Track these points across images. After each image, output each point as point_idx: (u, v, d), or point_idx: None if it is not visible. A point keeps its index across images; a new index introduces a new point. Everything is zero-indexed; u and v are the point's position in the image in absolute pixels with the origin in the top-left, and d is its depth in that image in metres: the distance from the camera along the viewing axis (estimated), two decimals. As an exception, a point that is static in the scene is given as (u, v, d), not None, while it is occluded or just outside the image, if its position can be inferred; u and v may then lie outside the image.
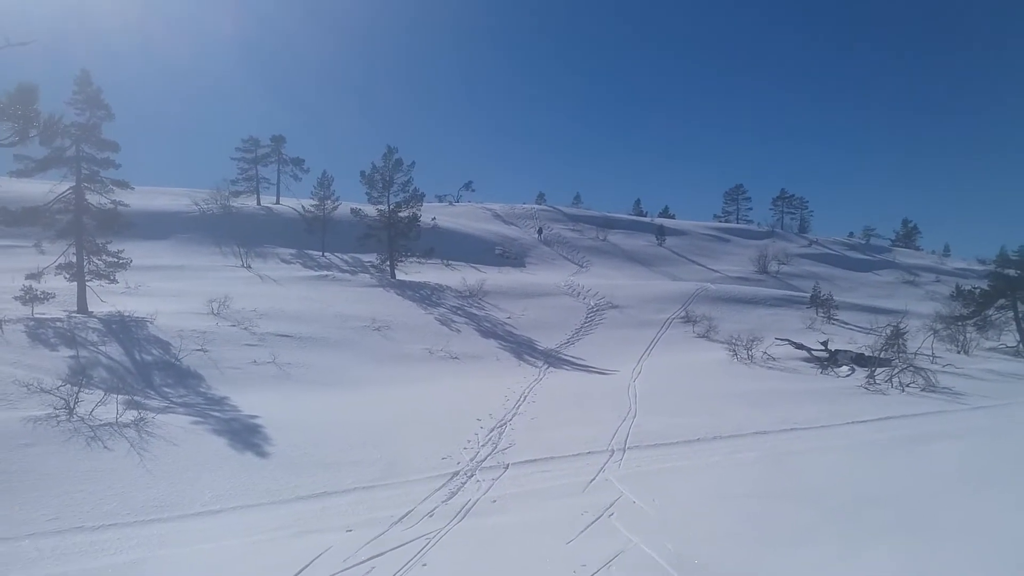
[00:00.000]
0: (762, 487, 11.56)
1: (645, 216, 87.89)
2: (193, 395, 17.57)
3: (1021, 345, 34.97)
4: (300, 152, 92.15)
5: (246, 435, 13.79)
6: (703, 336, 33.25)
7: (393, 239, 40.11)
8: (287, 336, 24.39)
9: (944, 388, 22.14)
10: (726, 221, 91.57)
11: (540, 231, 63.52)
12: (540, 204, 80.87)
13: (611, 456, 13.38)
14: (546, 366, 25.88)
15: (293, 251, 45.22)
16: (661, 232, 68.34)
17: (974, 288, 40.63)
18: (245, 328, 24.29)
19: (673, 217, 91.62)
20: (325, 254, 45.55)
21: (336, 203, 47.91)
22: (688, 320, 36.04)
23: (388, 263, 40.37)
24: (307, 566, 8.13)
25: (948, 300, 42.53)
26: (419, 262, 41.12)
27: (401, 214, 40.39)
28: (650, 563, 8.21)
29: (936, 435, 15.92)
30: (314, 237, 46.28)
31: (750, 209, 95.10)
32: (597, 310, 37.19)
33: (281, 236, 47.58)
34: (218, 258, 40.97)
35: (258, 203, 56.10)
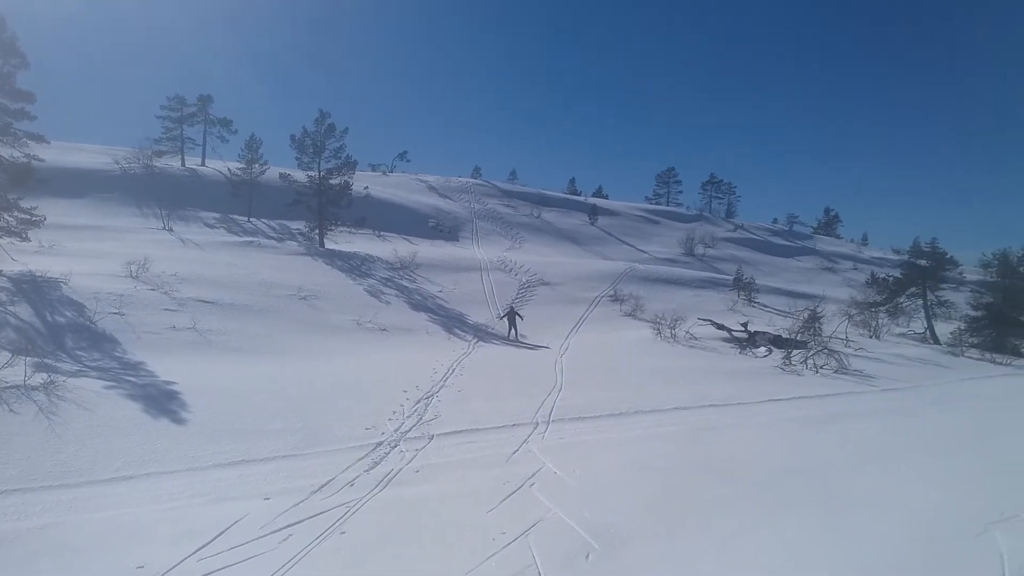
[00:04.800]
0: (681, 460, 11.94)
1: (579, 195, 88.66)
2: (108, 359, 16.87)
3: (928, 332, 37.00)
4: (228, 113, 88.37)
5: (163, 401, 13.36)
6: (630, 315, 33.94)
7: (323, 207, 39.20)
8: (209, 302, 23.66)
9: (856, 371, 23.29)
10: (657, 203, 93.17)
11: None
12: (476, 178, 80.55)
13: (535, 428, 13.58)
14: (476, 340, 25.96)
15: (218, 215, 43.72)
16: (594, 212, 69.12)
17: (888, 276, 42.74)
18: (165, 292, 23.43)
19: (606, 197, 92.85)
20: (251, 219, 44.27)
21: (264, 167, 46.48)
22: (616, 299, 36.71)
23: (317, 231, 39.51)
24: (222, 533, 7.99)
25: (863, 287, 44.72)
26: (350, 231, 40.38)
27: (332, 181, 39.45)
28: (568, 531, 8.40)
29: (847, 414, 16.78)
30: (240, 201, 44.87)
31: (680, 192, 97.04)
32: (529, 286, 37.44)
33: (206, 199, 45.84)
34: (138, 220, 39.31)
35: (182, 164, 53.96)
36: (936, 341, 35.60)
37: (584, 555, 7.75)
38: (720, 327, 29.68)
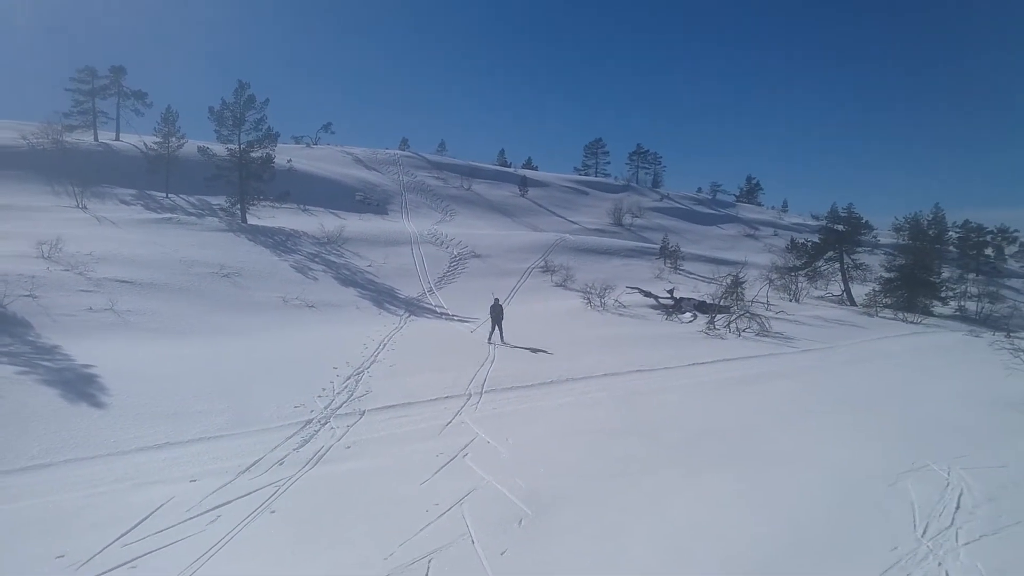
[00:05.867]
0: (610, 424, 12.25)
1: (509, 167, 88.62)
2: (20, 344, 16.04)
3: (845, 294, 38.74)
4: (143, 85, 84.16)
5: (81, 385, 12.84)
6: (560, 285, 34.33)
7: (244, 181, 37.92)
8: (127, 282, 22.72)
9: (776, 333, 24.24)
10: (586, 174, 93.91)
11: None
12: (404, 150, 79.39)
13: (468, 400, 13.66)
14: (407, 314, 25.81)
15: (134, 192, 41.80)
16: (524, 183, 69.23)
17: (807, 241, 44.41)
18: (80, 273, 22.37)
19: (536, 169, 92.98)
20: (169, 195, 42.50)
21: (182, 141, 44.57)
22: (547, 270, 37.05)
23: (239, 206, 38.23)
24: (147, 518, 7.80)
25: (783, 252, 46.37)
26: (273, 206, 39.26)
27: (253, 154, 38.21)
28: (501, 499, 8.54)
29: (767, 375, 17.49)
30: (157, 177, 42.98)
31: (608, 163, 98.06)
32: (460, 259, 37.35)
33: (121, 175, 43.70)
34: (49, 198, 37.15)
35: (95, 139, 51.07)
36: (852, 303, 37.33)
37: (517, 521, 7.90)
38: (647, 294, 30.36)
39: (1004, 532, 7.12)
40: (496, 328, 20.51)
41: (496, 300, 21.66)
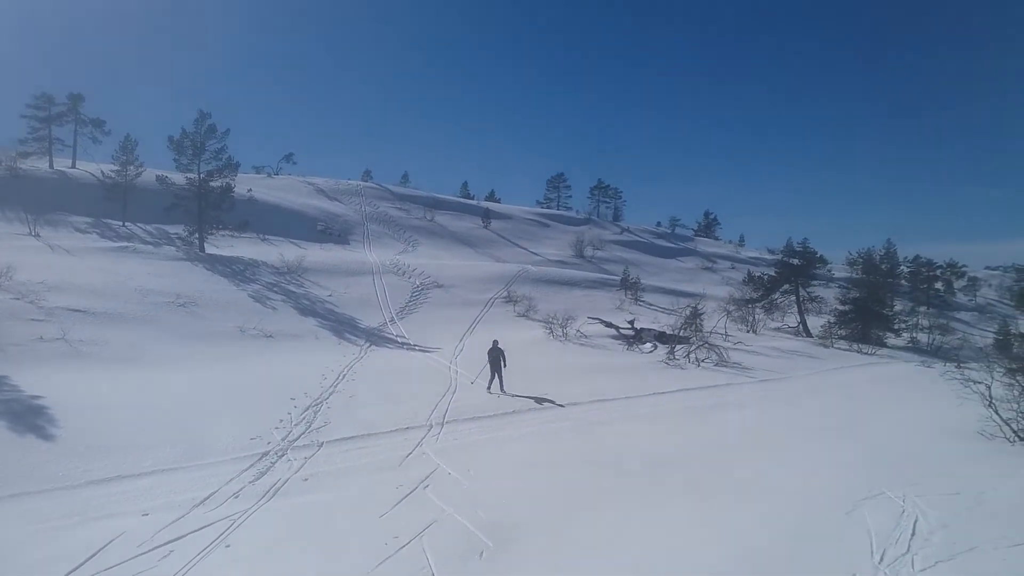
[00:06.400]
0: (572, 454, 12.25)
1: (472, 199, 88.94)
2: (-38, 376, 15.51)
3: (801, 325, 39.55)
4: (101, 113, 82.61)
5: (28, 417, 12.42)
6: (523, 315, 34.40)
7: (203, 210, 37.39)
8: (80, 311, 22.14)
9: (735, 363, 24.60)
10: (548, 207, 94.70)
11: None
12: (366, 181, 79.16)
13: (429, 431, 13.54)
14: (368, 344, 25.56)
15: (90, 220, 40.82)
16: (487, 215, 69.54)
17: (763, 275, 45.36)
18: (31, 302, 21.74)
19: (499, 201, 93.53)
20: (126, 224, 41.64)
21: (140, 169, 43.77)
22: (510, 300, 37.11)
23: (197, 235, 37.64)
24: (96, 554, 7.53)
25: (741, 285, 47.21)
26: (232, 235, 38.73)
27: (213, 183, 37.79)
28: (462, 530, 8.45)
29: (726, 404, 17.72)
30: (114, 205, 42.09)
31: (570, 197, 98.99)
32: (422, 289, 37.23)
33: (76, 203, 42.63)
34: (1, 225, 36.23)
35: (51, 166, 49.79)
36: (808, 334, 38.14)
37: (478, 553, 7.82)
38: (609, 325, 30.60)
39: (959, 558, 7.25)
40: (496, 376, 17.80)
41: (495, 343, 18.38)
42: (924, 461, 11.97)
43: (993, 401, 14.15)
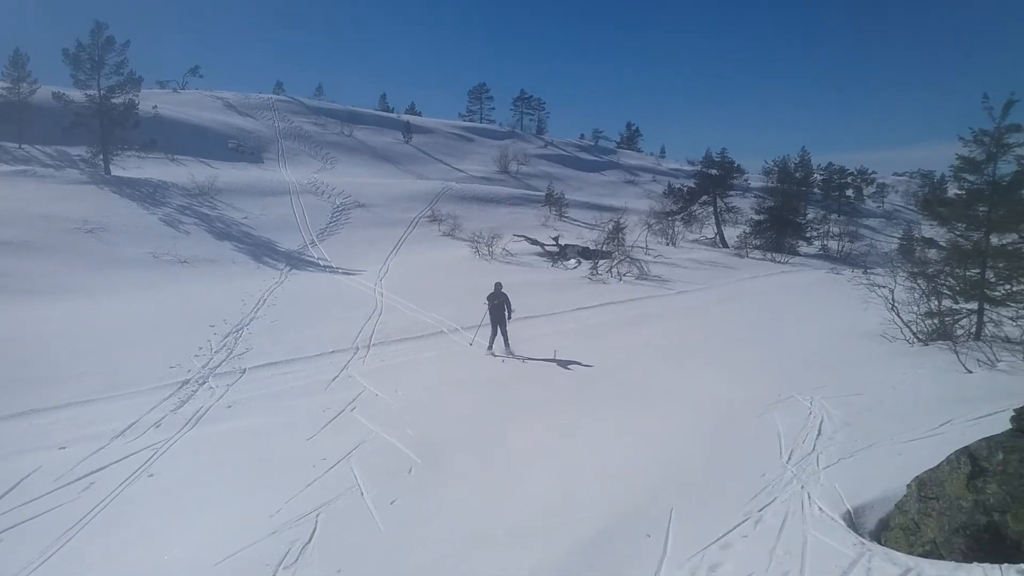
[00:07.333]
0: (501, 371, 12.43)
1: (391, 112, 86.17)
2: None
3: (718, 236, 40.64)
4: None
5: (-80, 356, 11.70)
6: (448, 234, 34.09)
7: (107, 129, 35.00)
8: (-28, 240, 20.72)
9: (655, 276, 25.23)
10: (471, 120, 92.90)
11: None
12: (279, 95, 75.48)
13: (355, 353, 13.45)
14: (289, 268, 24.94)
15: (-22, 142, 37.80)
16: (408, 129, 67.62)
17: (683, 186, 46.04)
18: (-89, 232, 20.17)
19: (420, 114, 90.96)
20: (23, 146, 38.61)
21: (34, 86, 40.44)
22: (434, 219, 36.62)
23: (101, 157, 35.32)
24: (11, 489, 7.26)
25: (661, 197, 47.87)
26: (139, 156, 36.45)
27: (115, 100, 35.27)
28: (391, 449, 8.50)
29: (647, 316, 18.21)
30: (8, 126, 38.79)
31: (493, 109, 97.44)
32: (343, 209, 36.29)
33: (-40, 124, 39.33)
34: None
35: (-70, 86, 45.56)
36: (725, 245, 39.26)
37: (407, 470, 7.90)
38: (534, 242, 30.72)
39: (859, 455, 7.73)
40: (498, 330, 14.14)
41: (497, 286, 14.75)
42: (831, 364, 12.63)
43: (895, 305, 14.95)
